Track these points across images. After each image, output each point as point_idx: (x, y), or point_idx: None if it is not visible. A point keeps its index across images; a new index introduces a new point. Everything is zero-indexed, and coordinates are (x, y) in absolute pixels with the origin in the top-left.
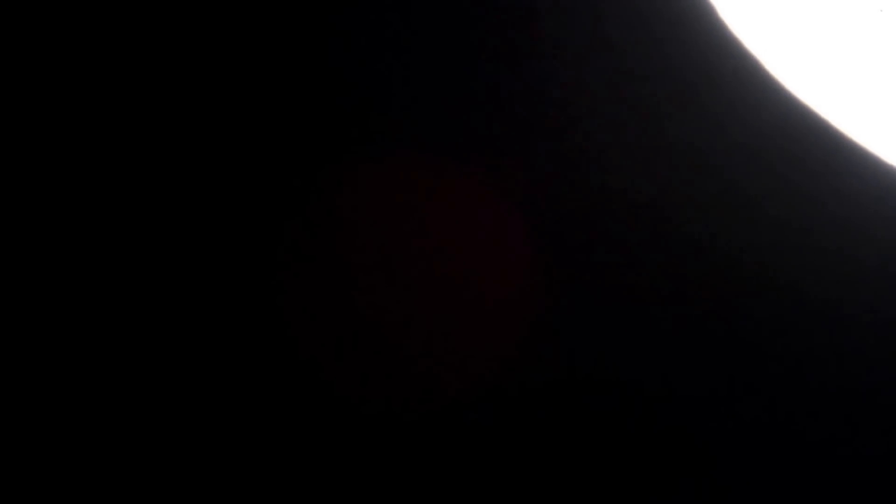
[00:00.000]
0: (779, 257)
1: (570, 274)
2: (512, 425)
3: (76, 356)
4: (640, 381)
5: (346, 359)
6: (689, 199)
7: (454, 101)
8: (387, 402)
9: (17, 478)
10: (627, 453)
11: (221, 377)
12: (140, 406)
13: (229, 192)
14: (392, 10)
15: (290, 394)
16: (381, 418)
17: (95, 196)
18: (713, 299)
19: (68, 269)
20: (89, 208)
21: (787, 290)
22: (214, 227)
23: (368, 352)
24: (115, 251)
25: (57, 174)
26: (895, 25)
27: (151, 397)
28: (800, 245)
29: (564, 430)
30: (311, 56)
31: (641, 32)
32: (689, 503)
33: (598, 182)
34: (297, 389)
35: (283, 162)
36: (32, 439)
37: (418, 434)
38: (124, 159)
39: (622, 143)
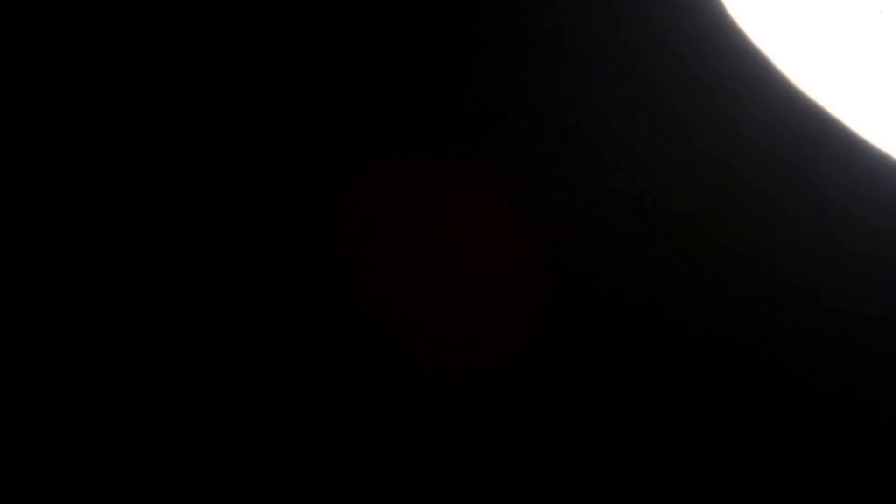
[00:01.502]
0: (789, 255)
1: (577, 274)
2: (513, 423)
3: (76, 356)
4: (643, 379)
5: (348, 357)
6: (697, 197)
7: (462, 101)
8: (388, 400)
9: (17, 478)
10: (629, 452)
11: (223, 374)
12: (141, 406)
13: (233, 191)
14: (402, 8)
15: (292, 391)
16: (382, 416)
17: (119, 193)
18: (723, 298)
19: (68, 268)
20: (108, 207)
21: (798, 288)
22: (217, 226)
23: (370, 350)
24: (121, 251)
25: (57, 174)
26: (895, 26)
27: (155, 397)
28: (810, 242)
29: (566, 429)
30: (315, 54)
31: (651, 31)
32: (690, 502)
33: (606, 178)
34: (299, 387)
35: (287, 161)
36: (32, 439)
37: (420, 431)
38: (129, 159)
39: (631, 142)
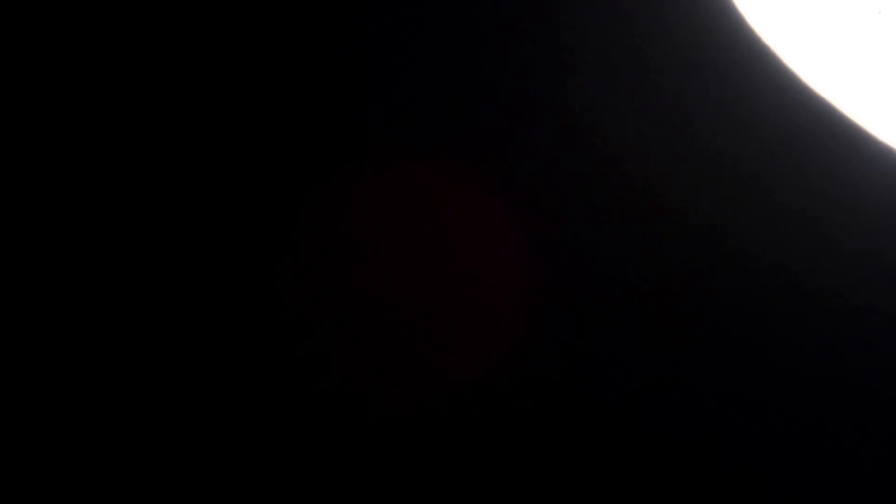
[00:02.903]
0: (793, 250)
1: (580, 273)
2: (514, 423)
3: (76, 356)
4: (645, 377)
5: (349, 356)
6: (702, 193)
7: (464, 98)
8: (389, 398)
9: (16, 478)
10: (630, 451)
11: (224, 375)
12: (143, 406)
13: (237, 194)
14: (414, 14)
15: (295, 390)
16: (383, 414)
17: (121, 194)
18: (727, 295)
19: (68, 268)
20: (109, 208)
21: (803, 283)
22: (222, 229)
23: (372, 349)
24: (123, 252)
25: (57, 174)
26: (892, 26)
27: (157, 397)
28: (815, 238)
29: (567, 429)
30: (318, 56)
31: (658, 28)
32: (690, 501)
33: (610, 176)
34: (301, 386)
35: (288, 162)
36: (32, 439)
37: (420, 430)
38: (131, 159)
39: (636, 138)
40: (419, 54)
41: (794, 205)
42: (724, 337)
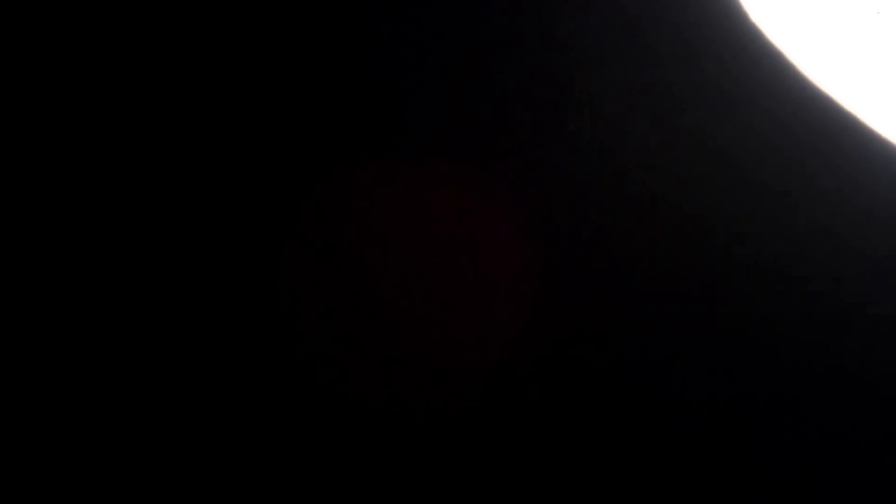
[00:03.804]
0: (800, 249)
1: (585, 269)
2: (513, 422)
3: (77, 356)
4: (645, 374)
5: (350, 355)
6: (707, 191)
7: (471, 100)
8: (390, 397)
9: (16, 478)
10: (628, 449)
11: (226, 373)
12: (145, 406)
13: (239, 191)
14: (413, 8)
15: (296, 389)
16: (383, 413)
17: (127, 195)
18: (732, 295)
19: (68, 269)
20: (127, 209)
21: (810, 285)
22: (222, 226)
23: (373, 347)
24: (125, 252)
25: (57, 174)
26: (891, 26)
27: (157, 398)
28: (819, 236)
29: (566, 427)
30: (318, 57)
31: (662, 27)
32: (688, 500)
33: (614, 176)
34: (302, 384)
35: (292, 161)
36: (32, 439)
37: (419, 428)
38: (137, 159)
39: (642, 138)
40: (422, 55)
41: (794, 199)
42: (725, 335)
